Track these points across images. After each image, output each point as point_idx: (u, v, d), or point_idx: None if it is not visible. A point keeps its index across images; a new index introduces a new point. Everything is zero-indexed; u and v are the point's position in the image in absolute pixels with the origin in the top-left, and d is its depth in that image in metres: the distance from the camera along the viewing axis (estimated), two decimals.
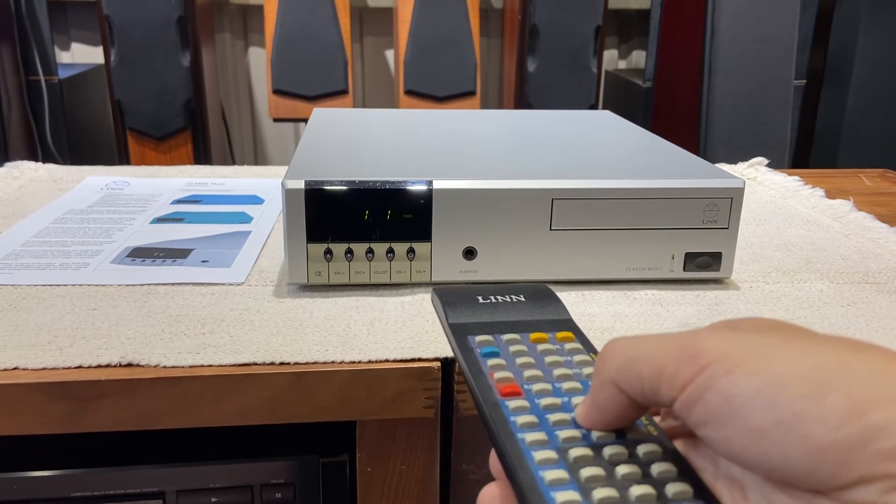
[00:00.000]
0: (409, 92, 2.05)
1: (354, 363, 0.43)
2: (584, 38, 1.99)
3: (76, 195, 0.73)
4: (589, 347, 0.31)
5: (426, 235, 0.51)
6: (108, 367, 0.42)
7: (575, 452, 0.24)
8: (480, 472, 0.47)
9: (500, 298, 0.34)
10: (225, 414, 0.42)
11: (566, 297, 0.52)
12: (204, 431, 0.45)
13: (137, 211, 0.69)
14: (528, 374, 0.29)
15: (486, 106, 2.47)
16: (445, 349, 0.44)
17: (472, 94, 2.07)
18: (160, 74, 1.88)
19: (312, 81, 2.01)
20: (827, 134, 2.11)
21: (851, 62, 2.01)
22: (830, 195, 0.78)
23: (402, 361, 0.43)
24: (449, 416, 0.46)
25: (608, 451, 0.24)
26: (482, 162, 0.56)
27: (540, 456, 0.24)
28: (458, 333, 0.32)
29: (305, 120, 1.98)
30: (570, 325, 0.33)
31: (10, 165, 0.80)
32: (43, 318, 0.47)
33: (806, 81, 2.10)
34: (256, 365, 0.42)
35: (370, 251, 0.51)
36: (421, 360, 0.43)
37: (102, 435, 0.43)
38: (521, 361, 0.30)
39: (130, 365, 0.42)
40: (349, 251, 0.51)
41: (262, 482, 0.46)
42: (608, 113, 0.79)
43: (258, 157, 2.56)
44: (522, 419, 0.26)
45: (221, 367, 0.42)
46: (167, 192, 0.75)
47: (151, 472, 0.45)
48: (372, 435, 0.45)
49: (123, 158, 1.94)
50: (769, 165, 0.89)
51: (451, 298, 0.34)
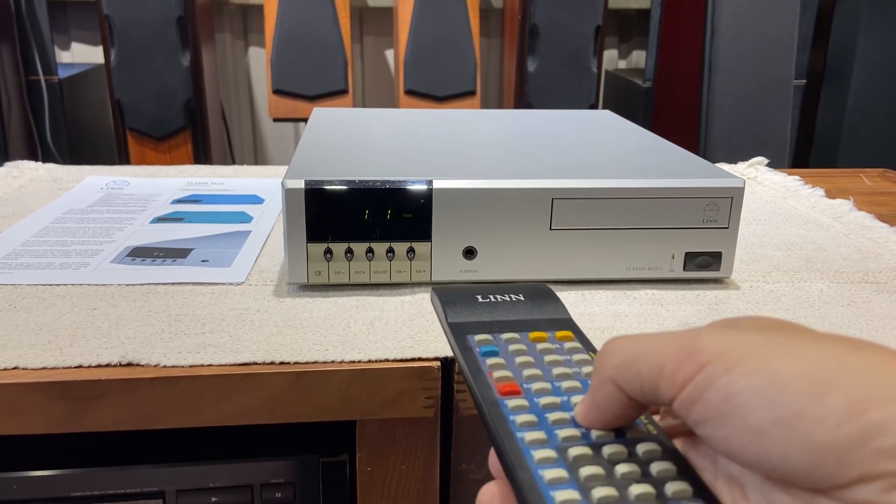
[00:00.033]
0: (409, 92, 2.05)
1: (354, 363, 0.43)
2: (584, 37, 1.99)
3: (76, 195, 0.73)
4: (588, 346, 0.31)
5: (426, 235, 0.51)
6: (108, 366, 0.42)
7: (574, 451, 0.24)
8: (480, 471, 0.47)
9: (499, 298, 0.34)
10: (225, 414, 0.42)
11: (566, 296, 0.52)
12: (204, 431, 0.45)
13: (137, 210, 0.69)
14: (527, 373, 0.29)
15: (486, 106, 2.47)
16: (445, 349, 0.44)
17: (472, 93, 2.07)
18: (160, 74, 1.88)
19: (312, 81, 2.01)
20: (827, 134, 2.11)
21: (851, 62, 2.01)
22: (830, 195, 0.78)
23: (402, 361, 0.43)
24: (449, 415, 0.46)
25: (607, 450, 0.24)
26: (482, 162, 0.56)
27: (539, 455, 0.24)
28: (457, 333, 0.32)
29: (305, 120, 1.98)
30: (569, 324, 0.33)
31: (10, 165, 0.80)
32: (43, 317, 0.47)
33: (806, 81, 2.11)
34: (256, 364, 0.42)
35: (370, 251, 0.51)
36: (421, 359, 0.43)
37: (102, 435, 0.43)
38: (520, 360, 0.30)
39: (130, 364, 0.42)
40: (349, 251, 0.51)
41: (261, 482, 0.46)
42: (608, 113, 0.79)
43: (258, 156, 2.56)
44: (522, 418, 0.26)
45: (221, 366, 0.42)
46: (167, 191, 0.75)
47: (151, 471, 0.45)
48: (372, 435, 0.45)
49: (123, 158, 1.94)
50: (769, 165, 0.89)
51: (450, 298, 0.34)
